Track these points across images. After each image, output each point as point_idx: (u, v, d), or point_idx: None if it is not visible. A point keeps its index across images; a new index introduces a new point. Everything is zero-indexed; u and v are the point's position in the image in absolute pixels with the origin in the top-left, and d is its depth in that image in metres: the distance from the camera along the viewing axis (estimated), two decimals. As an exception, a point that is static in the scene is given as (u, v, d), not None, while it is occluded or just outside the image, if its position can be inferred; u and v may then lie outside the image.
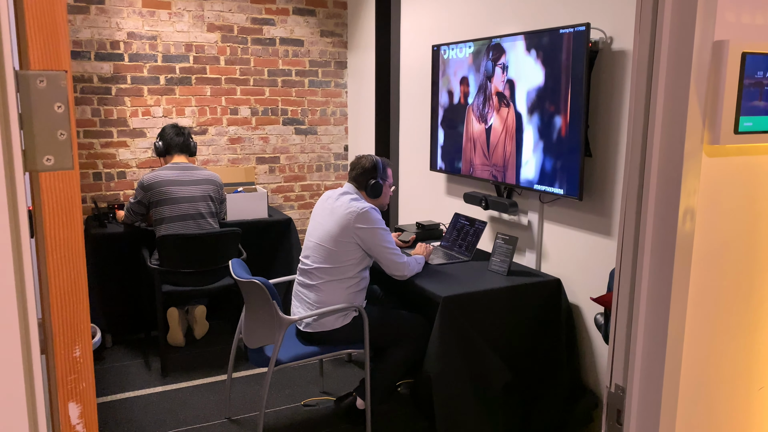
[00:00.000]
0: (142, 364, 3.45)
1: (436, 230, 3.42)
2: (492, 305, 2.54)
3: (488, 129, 3.03)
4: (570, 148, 2.54)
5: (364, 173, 2.74)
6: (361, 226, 2.57)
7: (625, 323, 1.09)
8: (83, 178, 4.05)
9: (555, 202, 2.78)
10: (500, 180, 2.97)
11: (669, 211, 0.99)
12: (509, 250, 2.74)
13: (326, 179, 4.85)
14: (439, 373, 2.42)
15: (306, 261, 2.69)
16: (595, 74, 2.51)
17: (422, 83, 3.78)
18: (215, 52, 4.31)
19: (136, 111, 4.14)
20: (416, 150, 3.90)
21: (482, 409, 2.48)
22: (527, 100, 2.75)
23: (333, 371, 3.37)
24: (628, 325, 1.08)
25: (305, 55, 4.60)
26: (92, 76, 3.99)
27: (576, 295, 2.70)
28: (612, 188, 2.48)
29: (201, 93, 4.31)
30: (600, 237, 2.55)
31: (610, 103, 2.46)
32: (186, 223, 3.36)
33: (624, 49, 2.38)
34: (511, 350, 2.59)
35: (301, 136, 4.69)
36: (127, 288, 3.64)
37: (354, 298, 2.64)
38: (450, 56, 3.27)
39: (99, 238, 3.49)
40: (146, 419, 2.87)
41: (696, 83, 0.95)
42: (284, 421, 2.88)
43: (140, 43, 4.09)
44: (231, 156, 4.48)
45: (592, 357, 2.65)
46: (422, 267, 2.79)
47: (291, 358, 2.55)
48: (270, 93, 4.52)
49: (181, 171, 3.42)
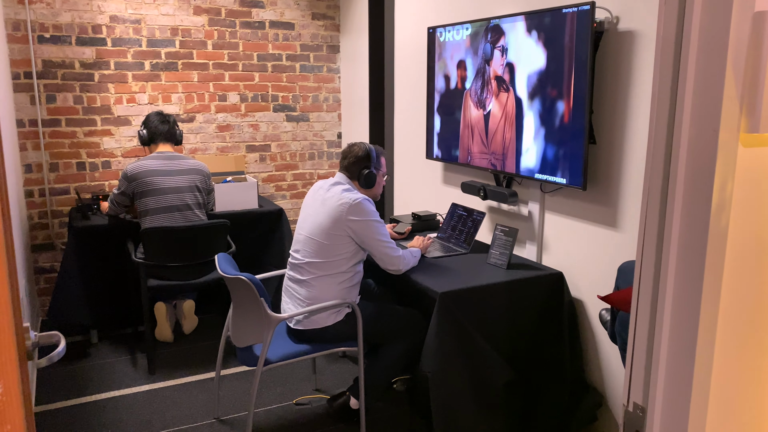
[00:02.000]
0: (129, 361, 3.33)
1: (433, 221, 3.29)
2: (491, 300, 2.43)
3: (487, 115, 2.89)
4: (573, 134, 2.41)
5: (356, 162, 2.61)
6: (354, 218, 2.44)
7: (646, 334, 0.96)
8: (66, 168, 3.90)
9: (557, 191, 2.66)
10: (499, 169, 2.84)
11: (700, 207, 0.87)
12: (509, 242, 2.62)
13: (319, 168, 4.71)
14: (437, 371, 2.30)
15: (296, 255, 2.56)
16: (600, 56, 2.38)
17: (418, 67, 3.63)
18: (202, 36, 4.14)
19: (120, 98, 3.98)
20: (412, 137, 3.76)
21: (482, 409, 2.37)
22: (528, 84, 2.61)
23: (326, 367, 3.26)
24: (649, 337, 0.96)
25: (296, 39, 4.44)
26: (73, 61, 3.82)
27: (579, 289, 2.59)
28: (618, 177, 2.35)
29: (188, 79, 4.15)
30: (604, 228, 2.43)
31: (616, 87, 2.33)
32: (172, 215, 3.22)
33: (631, 29, 2.24)
34: (511, 347, 2.48)
35: (293, 123, 4.54)
36: (113, 282, 3.50)
37: (347, 293, 2.52)
38: (446, 39, 3.13)
39: (82, 231, 3.35)
40: (132, 420, 2.75)
41: (733, 62, 0.82)
42: (275, 421, 2.77)
43: (123, 27, 3.92)
44: (220, 144, 4.33)
45: (595, 354, 2.54)
46: (418, 260, 2.66)
47: (280, 357, 2.43)
48: (260, 78, 4.36)
49: (166, 160, 3.28)
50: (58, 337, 1.33)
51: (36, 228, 3.88)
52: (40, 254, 3.91)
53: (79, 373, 3.18)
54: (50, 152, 3.85)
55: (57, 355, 1.29)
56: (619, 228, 2.36)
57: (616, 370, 2.44)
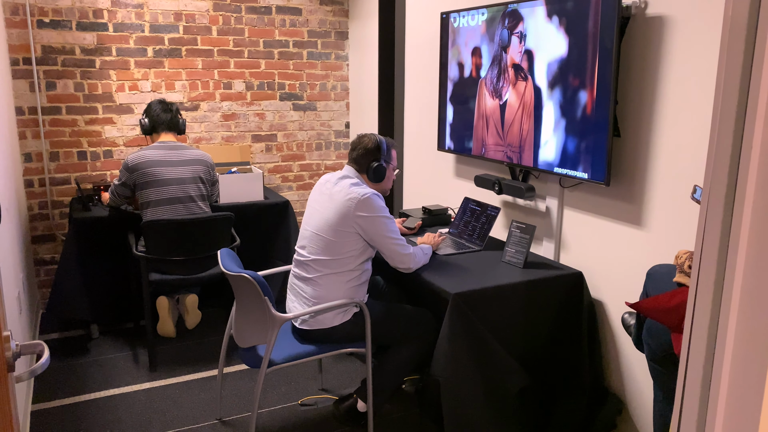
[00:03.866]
0: (130, 357, 3.23)
1: (444, 215, 3.16)
2: (507, 301, 2.30)
3: (503, 105, 2.75)
4: (596, 127, 2.27)
5: (365, 154, 2.48)
6: (362, 214, 2.32)
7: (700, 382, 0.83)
8: (66, 157, 3.80)
9: (577, 186, 2.52)
10: (515, 162, 2.71)
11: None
12: (526, 239, 2.49)
13: (326, 158, 4.58)
14: (449, 377, 2.19)
15: (302, 252, 2.45)
16: (626, 43, 2.23)
17: (430, 55, 3.48)
18: (207, 21, 4.01)
19: (122, 85, 3.86)
20: (423, 128, 3.62)
21: (496, 416, 2.26)
22: (548, 72, 2.47)
23: (332, 366, 3.15)
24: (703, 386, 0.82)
25: (303, 25, 4.29)
26: (74, 47, 3.70)
27: (599, 290, 2.46)
28: (643, 172, 2.21)
29: (192, 66, 4.02)
30: (628, 227, 2.29)
31: (642, 76, 2.18)
32: (174, 207, 3.11)
33: (661, 14, 2.09)
34: (527, 351, 2.36)
35: (300, 112, 4.41)
36: (114, 275, 3.41)
37: (355, 292, 2.40)
38: (461, 24, 2.98)
39: (83, 222, 3.25)
40: (131, 420, 2.66)
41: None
42: (279, 422, 2.67)
43: (125, 12, 3.79)
44: (225, 133, 4.21)
45: (616, 358, 2.41)
46: (429, 258, 2.54)
47: (285, 358, 2.32)
48: (266, 66, 4.23)
49: (168, 150, 3.16)
50: (41, 347, 1.22)
51: (36, 219, 3.78)
52: (41, 245, 3.82)
53: (78, 370, 3.09)
54: (50, 141, 3.74)
55: (40, 368, 1.18)
56: (644, 227, 2.23)
57: (638, 376, 2.31)
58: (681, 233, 2.09)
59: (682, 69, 2.04)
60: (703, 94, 1.97)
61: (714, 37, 1.92)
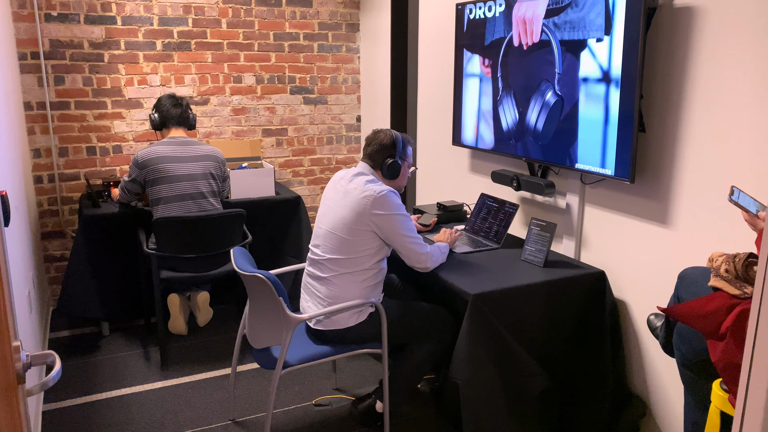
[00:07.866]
0: (141, 355, 3.20)
1: (460, 211, 3.10)
2: (527, 302, 2.24)
3: (521, 99, 2.67)
4: (620, 122, 2.19)
5: (381, 150, 2.42)
6: (378, 212, 2.26)
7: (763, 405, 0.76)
8: (75, 153, 3.75)
9: (599, 183, 2.45)
10: (534, 157, 2.63)
11: None
12: (546, 238, 2.42)
13: (337, 152, 4.52)
14: (468, 379, 2.13)
15: (316, 251, 2.39)
16: (652, 35, 2.15)
17: (444, 47, 3.40)
18: (216, 14, 3.94)
19: (131, 79, 3.81)
20: (437, 122, 3.55)
21: (516, 420, 2.20)
22: (569, 65, 2.39)
23: (347, 365, 3.11)
24: None
25: (314, 17, 4.22)
26: (82, 41, 3.65)
27: (622, 289, 2.39)
28: (669, 169, 2.14)
29: (201, 59, 3.96)
30: (654, 225, 2.22)
31: (669, 70, 2.10)
32: (185, 204, 3.06)
33: (689, 5, 2.01)
34: (548, 352, 2.30)
35: (310, 105, 4.35)
36: (125, 272, 3.36)
37: (370, 292, 2.34)
38: (477, 15, 2.90)
39: (93, 219, 3.21)
40: (143, 420, 2.62)
41: None
42: (294, 423, 2.62)
43: (134, 5, 3.73)
44: (235, 128, 4.15)
45: (639, 359, 2.35)
46: (446, 256, 2.48)
47: (300, 359, 2.27)
48: (276, 59, 4.16)
49: (179, 146, 3.11)
50: (52, 357, 1.18)
51: (46, 215, 3.75)
52: (50, 242, 3.78)
53: (89, 368, 3.06)
54: (59, 136, 3.69)
55: (51, 380, 1.13)
56: (670, 225, 2.15)
57: (662, 377, 2.25)
58: (710, 233, 2.01)
59: (711, 62, 1.95)
60: (735, 87, 1.89)
61: (747, 28, 1.84)
